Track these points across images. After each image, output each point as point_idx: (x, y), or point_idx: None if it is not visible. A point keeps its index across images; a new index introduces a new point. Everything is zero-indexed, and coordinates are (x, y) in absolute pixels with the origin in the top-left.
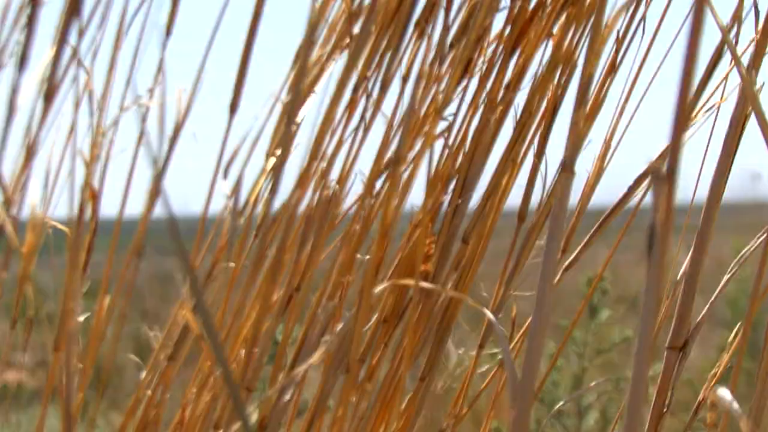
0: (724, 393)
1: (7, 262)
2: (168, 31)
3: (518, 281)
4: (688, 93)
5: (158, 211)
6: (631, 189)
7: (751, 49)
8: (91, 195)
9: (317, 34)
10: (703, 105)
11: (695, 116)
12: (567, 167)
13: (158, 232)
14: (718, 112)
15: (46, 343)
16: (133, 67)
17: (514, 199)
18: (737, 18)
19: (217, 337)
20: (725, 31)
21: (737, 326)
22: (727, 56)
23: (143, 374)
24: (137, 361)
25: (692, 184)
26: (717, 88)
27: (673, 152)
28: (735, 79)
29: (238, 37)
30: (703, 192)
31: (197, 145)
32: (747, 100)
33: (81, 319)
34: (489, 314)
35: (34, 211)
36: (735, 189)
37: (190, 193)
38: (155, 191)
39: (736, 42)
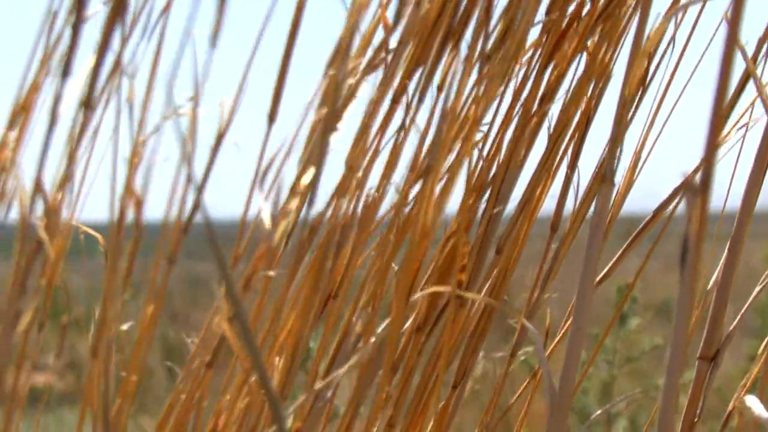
0: (753, 401)
1: (44, 269)
2: (213, 43)
3: (551, 288)
4: (722, 105)
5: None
6: (665, 204)
7: None
8: (136, 203)
9: (351, 45)
10: (736, 123)
11: (728, 134)
12: (607, 178)
13: (189, 235)
14: (748, 130)
15: (76, 346)
16: (174, 76)
17: (545, 206)
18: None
19: (256, 346)
20: (751, 63)
21: None
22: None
23: (179, 380)
24: (169, 366)
25: (724, 191)
26: (748, 108)
27: (706, 165)
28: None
29: (276, 45)
30: (736, 200)
31: (236, 154)
32: None
33: (124, 327)
34: (527, 323)
35: (63, 215)
36: None
37: (225, 199)
38: (185, 198)
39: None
